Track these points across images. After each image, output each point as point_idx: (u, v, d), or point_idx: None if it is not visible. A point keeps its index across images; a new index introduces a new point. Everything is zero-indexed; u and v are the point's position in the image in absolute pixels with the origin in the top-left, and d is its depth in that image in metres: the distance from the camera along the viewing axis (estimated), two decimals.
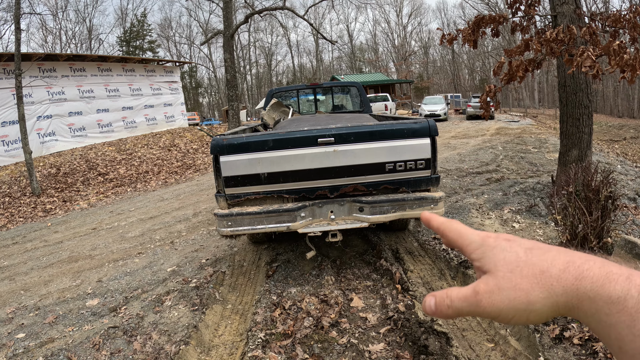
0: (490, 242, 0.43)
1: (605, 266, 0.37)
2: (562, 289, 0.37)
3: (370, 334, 3.16)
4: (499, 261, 0.41)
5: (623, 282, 0.35)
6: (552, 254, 0.40)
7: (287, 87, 7.34)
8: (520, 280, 0.39)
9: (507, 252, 0.41)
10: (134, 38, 54.12)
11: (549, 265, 0.39)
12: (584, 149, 5.94)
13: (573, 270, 0.37)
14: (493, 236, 0.44)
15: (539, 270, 0.39)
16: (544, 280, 0.38)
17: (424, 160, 3.63)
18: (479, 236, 0.45)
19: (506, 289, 0.39)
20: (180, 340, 3.15)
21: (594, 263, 0.37)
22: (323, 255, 4.68)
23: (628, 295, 0.34)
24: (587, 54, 4.29)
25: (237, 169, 3.61)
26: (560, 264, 0.38)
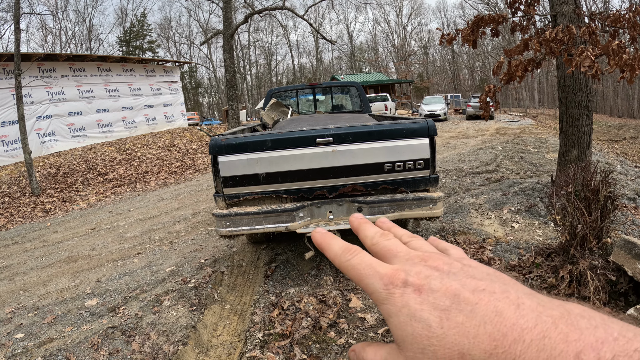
0: (396, 302, 0.33)
1: (546, 344, 0.27)
2: None
3: (369, 334, 3.15)
4: (406, 336, 0.32)
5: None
6: (476, 320, 0.29)
7: (286, 87, 7.33)
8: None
9: (416, 321, 0.31)
10: (133, 38, 54.13)
11: (470, 346, 0.29)
12: (583, 149, 5.94)
13: (502, 355, 0.28)
14: (399, 285, 0.33)
15: (458, 353, 0.29)
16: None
17: (423, 160, 3.63)
18: (382, 285, 0.34)
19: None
20: (178, 340, 3.15)
21: (530, 340, 0.27)
22: (322, 255, 4.68)
23: None
24: (587, 54, 4.29)
25: (236, 169, 3.61)
26: (485, 343, 0.28)
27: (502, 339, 0.28)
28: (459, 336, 0.29)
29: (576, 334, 0.27)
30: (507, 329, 0.28)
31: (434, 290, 0.32)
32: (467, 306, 0.30)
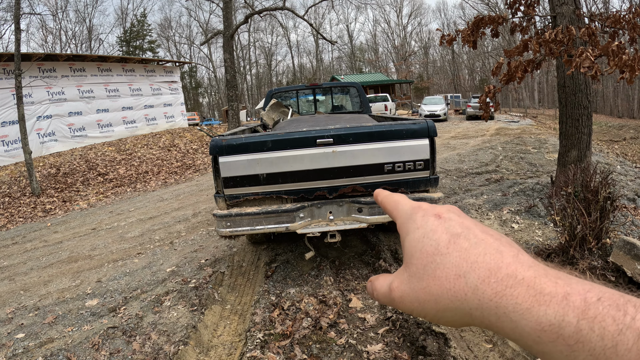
0: (416, 221, 0.37)
1: (537, 284, 0.29)
2: (477, 303, 0.31)
3: (369, 334, 3.16)
4: (416, 251, 0.35)
5: (557, 305, 0.28)
6: (479, 249, 0.33)
7: (286, 88, 7.34)
8: (432, 281, 0.33)
9: (428, 239, 0.35)
10: (134, 38, 54.14)
11: (467, 269, 0.32)
12: (583, 149, 5.95)
13: (494, 283, 0.30)
14: (423, 211, 0.37)
15: (455, 274, 0.32)
16: (457, 286, 0.32)
17: (423, 161, 3.64)
18: (410, 208, 0.39)
19: (417, 290, 0.34)
20: (179, 340, 3.16)
21: (522, 279, 0.30)
22: (322, 255, 4.68)
23: (564, 322, 0.27)
24: (586, 55, 4.29)
25: (236, 170, 3.61)
26: (481, 270, 0.31)
27: (497, 271, 0.31)
28: (460, 259, 0.33)
29: (565, 282, 0.29)
30: (503, 265, 0.31)
31: (451, 219, 0.36)
32: (474, 238, 0.34)
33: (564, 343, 0.27)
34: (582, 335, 0.27)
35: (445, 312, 0.33)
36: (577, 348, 0.27)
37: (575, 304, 0.28)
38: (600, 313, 0.27)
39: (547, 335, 0.28)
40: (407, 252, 0.36)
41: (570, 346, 0.27)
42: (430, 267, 0.33)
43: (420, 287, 0.34)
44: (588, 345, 0.26)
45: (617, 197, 4.06)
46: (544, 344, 0.28)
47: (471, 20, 5.68)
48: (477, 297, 0.31)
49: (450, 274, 0.32)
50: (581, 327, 0.27)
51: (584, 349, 0.27)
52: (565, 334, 0.27)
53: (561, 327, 0.27)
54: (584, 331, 0.27)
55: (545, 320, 0.28)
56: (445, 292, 0.32)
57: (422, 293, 0.34)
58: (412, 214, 0.38)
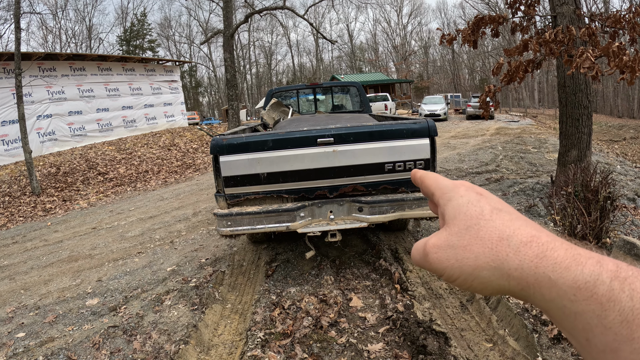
0: (460, 191, 0.39)
1: (573, 249, 0.32)
2: (518, 263, 0.33)
3: (369, 333, 3.17)
4: (460, 213, 0.37)
5: (592, 266, 0.30)
6: (519, 222, 0.35)
7: (286, 87, 7.34)
8: (474, 241, 0.35)
9: (473, 205, 0.37)
10: (134, 37, 54.10)
11: (510, 234, 0.34)
12: (583, 149, 5.95)
13: (535, 247, 0.33)
14: (466, 186, 0.40)
15: (498, 236, 0.34)
16: (499, 248, 0.34)
17: (423, 161, 3.64)
18: (452, 183, 0.41)
19: (456, 247, 0.36)
20: (179, 339, 3.16)
21: (561, 244, 0.33)
22: (322, 255, 4.69)
23: (598, 281, 0.29)
24: (587, 55, 4.30)
25: (237, 169, 3.62)
26: (523, 235, 0.34)
27: (538, 237, 0.34)
28: (503, 226, 0.35)
29: (598, 253, 0.32)
30: (542, 234, 0.34)
31: (492, 198, 0.39)
32: (514, 214, 0.37)
33: (597, 301, 0.29)
34: (613, 295, 0.29)
35: (482, 270, 0.34)
36: (609, 307, 0.29)
37: (608, 267, 0.30)
38: (631, 276, 0.29)
39: (582, 293, 0.30)
40: (450, 214, 0.38)
41: (602, 304, 0.29)
42: (474, 228, 0.36)
43: (461, 244, 0.36)
44: (618, 304, 0.28)
45: (617, 197, 4.07)
46: (578, 302, 0.30)
47: (471, 20, 5.68)
48: (519, 257, 0.33)
49: (494, 236, 0.35)
50: (613, 287, 0.29)
51: (614, 308, 0.28)
52: (599, 292, 0.29)
53: (595, 286, 0.29)
54: (616, 291, 0.29)
55: (582, 279, 0.30)
56: (488, 251, 0.34)
57: (462, 250, 0.35)
58: (455, 187, 0.40)
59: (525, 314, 3.09)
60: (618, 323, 0.28)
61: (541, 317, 3.04)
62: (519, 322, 2.98)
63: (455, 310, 3.38)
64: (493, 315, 3.19)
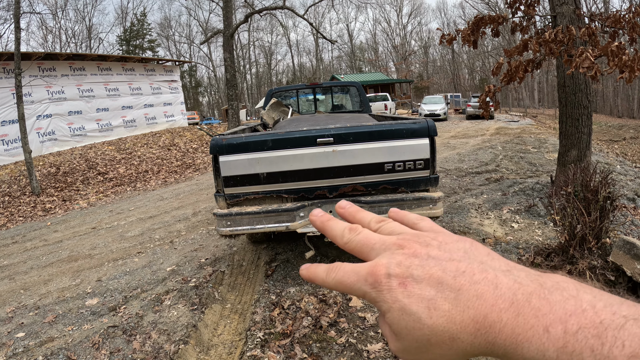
0: (385, 298, 0.35)
1: (519, 320, 0.31)
2: (477, 351, 0.33)
3: (369, 333, 3.17)
4: (401, 329, 0.35)
5: (538, 340, 0.30)
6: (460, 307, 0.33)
7: (286, 87, 7.34)
8: (431, 348, 0.34)
9: (407, 315, 0.34)
10: (133, 37, 54.10)
11: (457, 331, 0.33)
12: (583, 149, 5.95)
13: (485, 335, 0.32)
14: (383, 282, 0.35)
15: (449, 338, 0.33)
16: (456, 346, 0.33)
17: (423, 161, 3.64)
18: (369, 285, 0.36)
19: (418, 353, 0.35)
20: (179, 339, 3.16)
21: (506, 320, 0.31)
22: (322, 254, 4.69)
23: (544, 358, 0.29)
24: (586, 55, 4.30)
25: (237, 169, 3.62)
26: (469, 327, 0.32)
27: (483, 320, 0.32)
28: (447, 323, 0.33)
29: (547, 308, 0.31)
30: (487, 311, 0.32)
31: (418, 280, 0.34)
32: (451, 293, 0.33)
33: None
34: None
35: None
36: None
37: (555, 337, 0.29)
38: (579, 346, 0.28)
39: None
40: (394, 329, 0.36)
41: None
42: (423, 339, 0.34)
43: (421, 351, 0.35)
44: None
45: (617, 197, 4.07)
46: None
47: (471, 20, 5.68)
48: (475, 348, 0.33)
49: (445, 339, 0.33)
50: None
51: None
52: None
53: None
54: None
55: (529, 356, 0.30)
56: (448, 351, 0.34)
57: (426, 355, 0.35)
58: (378, 294, 0.35)
59: None
60: None
61: None
62: None
63: None
64: None
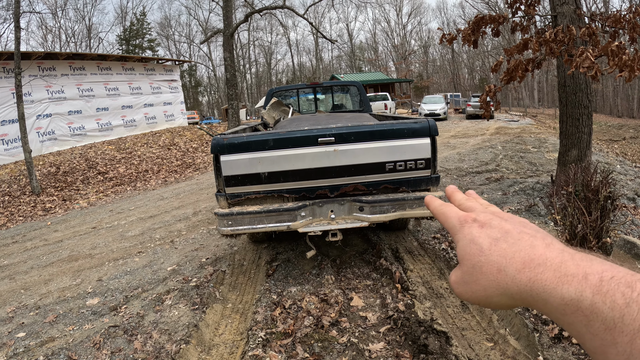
0: (464, 231, 0.45)
1: (562, 268, 0.37)
2: (516, 289, 0.39)
3: (370, 333, 3.17)
4: (465, 254, 0.44)
5: (577, 284, 0.35)
6: (514, 249, 0.41)
7: (287, 87, 7.34)
8: (480, 276, 0.42)
9: (474, 244, 0.43)
10: (133, 37, 54.05)
11: (506, 264, 0.40)
12: (583, 149, 5.95)
13: (528, 272, 0.38)
14: (469, 221, 0.46)
15: (497, 269, 0.40)
16: (500, 278, 0.40)
17: (424, 160, 3.64)
18: (458, 221, 0.47)
19: (469, 282, 0.43)
20: (180, 339, 3.16)
21: (550, 266, 0.38)
22: (323, 254, 4.69)
23: (582, 297, 0.34)
24: (586, 55, 4.30)
25: (238, 169, 3.61)
26: (517, 263, 0.39)
27: (530, 262, 0.39)
28: (499, 257, 0.41)
29: (587, 263, 0.37)
30: (535, 257, 0.39)
31: (492, 226, 0.44)
32: (511, 239, 0.42)
33: (582, 314, 0.34)
34: (596, 308, 0.34)
35: (493, 297, 0.41)
36: (592, 317, 0.34)
37: (592, 282, 0.35)
38: (612, 289, 0.34)
39: (569, 308, 0.35)
40: (459, 255, 0.45)
41: (587, 316, 0.34)
42: (478, 265, 0.42)
43: (472, 280, 0.43)
44: (601, 316, 0.33)
45: (618, 197, 4.07)
46: (567, 315, 0.35)
47: (472, 20, 5.67)
48: (516, 284, 0.39)
49: (493, 269, 0.41)
50: (595, 301, 0.34)
51: (597, 319, 0.33)
52: (583, 306, 0.34)
53: (580, 301, 0.34)
54: (598, 304, 0.33)
55: (567, 296, 0.35)
56: (491, 283, 0.41)
57: (474, 284, 0.43)
58: (460, 227, 0.46)
59: (526, 314, 3.09)
60: (602, 331, 0.33)
61: (542, 316, 3.05)
62: (520, 322, 2.98)
63: (456, 310, 3.38)
64: (494, 315, 3.19)
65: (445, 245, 4.62)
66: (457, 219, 0.47)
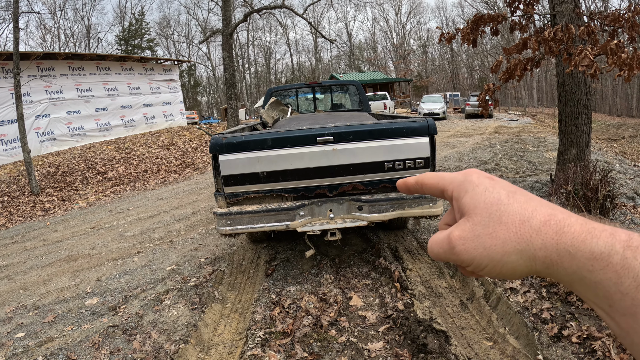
0: (473, 179, 0.40)
1: (588, 223, 0.34)
2: (541, 243, 0.35)
3: (370, 332, 3.17)
4: (479, 202, 0.38)
5: (606, 238, 0.33)
6: (534, 203, 0.37)
7: (286, 86, 7.33)
8: (498, 227, 0.36)
9: (489, 193, 0.38)
10: (132, 37, 54.00)
11: (529, 216, 0.36)
12: (582, 147, 5.95)
13: (554, 224, 0.35)
14: (477, 174, 0.41)
15: (519, 220, 0.36)
16: (523, 230, 0.36)
17: (423, 159, 3.64)
18: (462, 174, 0.42)
19: (482, 236, 0.37)
20: (179, 339, 3.16)
21: (576, 219, 0.35)
22: (322, 253, 4.68)
23: (612, 251, 0.32)
24: (585, 53, 4.29)
25: (236, 168, 3.61)
26: (541, 215, 0.36)
27: (554, 215, 0.36)
28: (521, 208, 0.37)
29: (610, 225, 0.34)
30: (557, 212, 0.36)
31: (503, 183, 0.40)
32: (527, 195, 0.38)
33: (613, 269, 0.32)
34: (627, 262, 0.31)
35: (510, 255, 0.36)
36: (623, 274, 0.31)
37: (621, 237, 0.32)
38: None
39: (599, 263, 0.32)
40: (469, 204, 0.39)
41: (617, 272, 0.31)
42: (496, 214, 0.37)
43: (487, 232, 0.37)
44: (632, 271, 0.31)
45: (617, 196, 4.07)
46: (596, 272, 0.32)
47: (471, 19, 5.67)
48: (541, 237, 0.35)
49: (516, 219, 0.36)
50: (626, 256, 0.31)
51: (628, 275, 0.31)
52: (614, 261, 0.32)
53: (610, 255, 0.32)
54: (629, 259, 0.31)
55: (597, 250, 0.32)
56: (512, 235, 0.36)
57: (489, 238, 0.37)
58: (467, 176, 0.41)
59: (526, 312, 3.09)
60: (634, 288, 0.31)
61: (541, 315, 3.04)
62: (519, 321, 2.98)
63: (456, 309, 3.38)
64: (493, 314, 3.19)
65: None
66: (459, 173, 0.42)
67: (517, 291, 3.39)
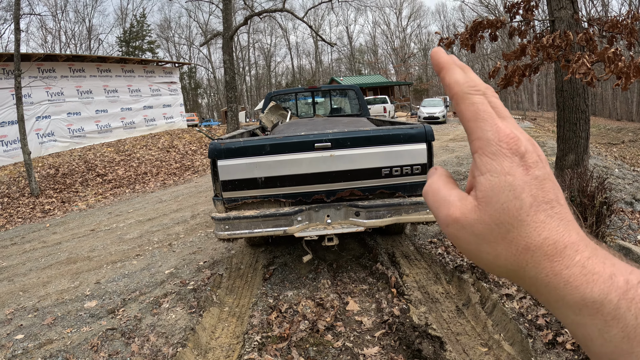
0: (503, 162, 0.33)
1: (589, 264, 0.31)
2: (534, 273, 0.32)
3: (365, 337, 3.19)
4: (495, 202, 0.33)
5: (602, 284, 0.30)
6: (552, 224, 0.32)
7: (285, 90, 7.37)
8: (500, 241, 0.33)
9: (513, 196, 0.33)
10: (133, 38, 54.12)
11: (538, 245, 0.32)
12: (580, 153, 5.98)
13: (556, 263, 0.32)
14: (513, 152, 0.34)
15: (524, 246, 0.32)
16: (522, 256, 0.33)
17: (420, 165, 3.66)
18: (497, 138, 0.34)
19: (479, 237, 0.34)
20: (177, 342, 3.18)
21: (579, 262, 0.32)
22: (319, 258, 4.71)
23: (606, 300, 0.30)
24: (583, 61, 4.33)
25: (235, 173, 3.64)
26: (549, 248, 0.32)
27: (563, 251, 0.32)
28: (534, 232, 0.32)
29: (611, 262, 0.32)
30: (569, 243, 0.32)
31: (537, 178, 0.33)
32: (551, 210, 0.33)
33: (601, 318, 0.30)
34: (619, 313, 0.30)
35: (498, 267, 0.34)
36: (612, 324, 0.30)
37: (618, 285, 0.30)
38: (639, 295, 0.30)
39: (588, 310, 0.31)
40: (483, 192, 0.34)
41: (606, 321, 0.30)
42: (505, 227, 0.33)
43: (486, 239, 0.34)
44: (622, 322, 0.29)
45: (614, 201, 4.10)
46: (582, 316, 0.31)
47: (470, 24, 5.71)
48: (537, 270, 0.32)
49: (521, 244, 0.33)
50: (620, 306, 0.30)
51: (617, 325, 0.30)
52: (605, 310, 0.30)
53: (602, 305, 0.30)
54: (622, 310, 0.30)
55: (590, 298, 0.30)
56: (510, 256, 0.33)
57: (485, 244, 0.34)
58: (498, 152, 0.34)
59: (521, 319, 3.11)
60: (620, 339, 0.29)
61: (536, 322, 3.07)
62: (514, 327, 3.00)
63: (451, 315, 3.40)
64: (488, 320, 3.21)
65: (442, 249, 4.64)
66: (496, 131, 0.34)
67: (512, 297, 3.41)
